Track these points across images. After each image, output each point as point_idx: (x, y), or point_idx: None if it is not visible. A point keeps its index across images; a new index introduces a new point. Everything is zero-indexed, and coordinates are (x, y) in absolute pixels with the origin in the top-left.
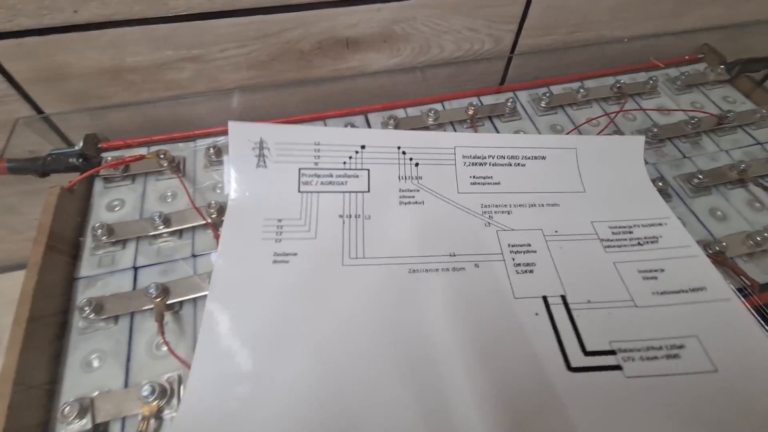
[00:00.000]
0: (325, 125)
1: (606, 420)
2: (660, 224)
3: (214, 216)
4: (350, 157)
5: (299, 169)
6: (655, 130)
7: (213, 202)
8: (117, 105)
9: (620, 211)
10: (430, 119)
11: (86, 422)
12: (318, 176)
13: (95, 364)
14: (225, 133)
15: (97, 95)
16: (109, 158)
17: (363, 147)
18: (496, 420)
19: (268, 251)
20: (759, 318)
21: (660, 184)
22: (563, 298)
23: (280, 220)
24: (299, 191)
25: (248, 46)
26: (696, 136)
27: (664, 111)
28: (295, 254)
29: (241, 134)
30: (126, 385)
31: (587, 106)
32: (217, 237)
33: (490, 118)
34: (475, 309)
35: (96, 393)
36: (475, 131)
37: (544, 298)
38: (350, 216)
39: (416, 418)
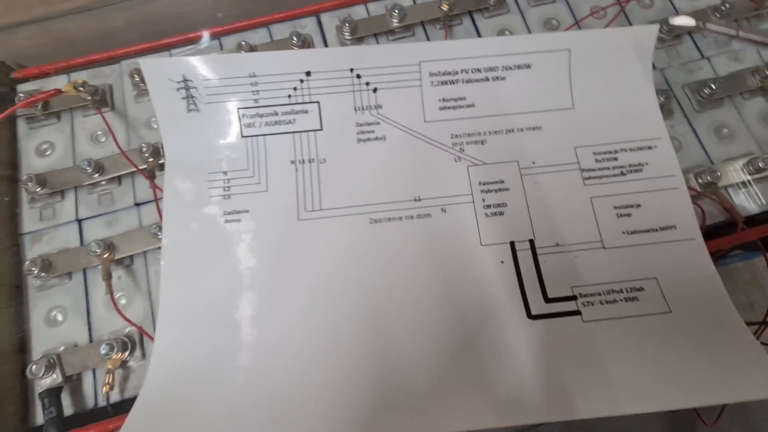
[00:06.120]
0: (269, 32)
1: (562, 363)
2: (649, 147)
3: (150, 161)
4: (295, 89)
5: (238, 109)
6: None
7: (144, 145)
8: (13, 25)
9: (609, 132)
10: (394, 20)
11: (57, 377)
12: (261, 116)
13: (59, 318)
14: (150, 50)
15: None
16: (21, 95)
17: (308, 74)
18: (455, 369)
19: (217, 210)
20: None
21: (662, 98)
22: (531, 242)
23: (226, 173)
24: (242, 136)
25: None
26: (723, 26)
27: None
28: (247, 211)
29: (158, 74)
30: (90, 338)
31: None
32: (153, 187)
33: (470, 13)
34: (440, 261)
35: (62, 348)
36: (447, 34)
37: (512, 244)
38: (303, 161)
39: (377, 377)
